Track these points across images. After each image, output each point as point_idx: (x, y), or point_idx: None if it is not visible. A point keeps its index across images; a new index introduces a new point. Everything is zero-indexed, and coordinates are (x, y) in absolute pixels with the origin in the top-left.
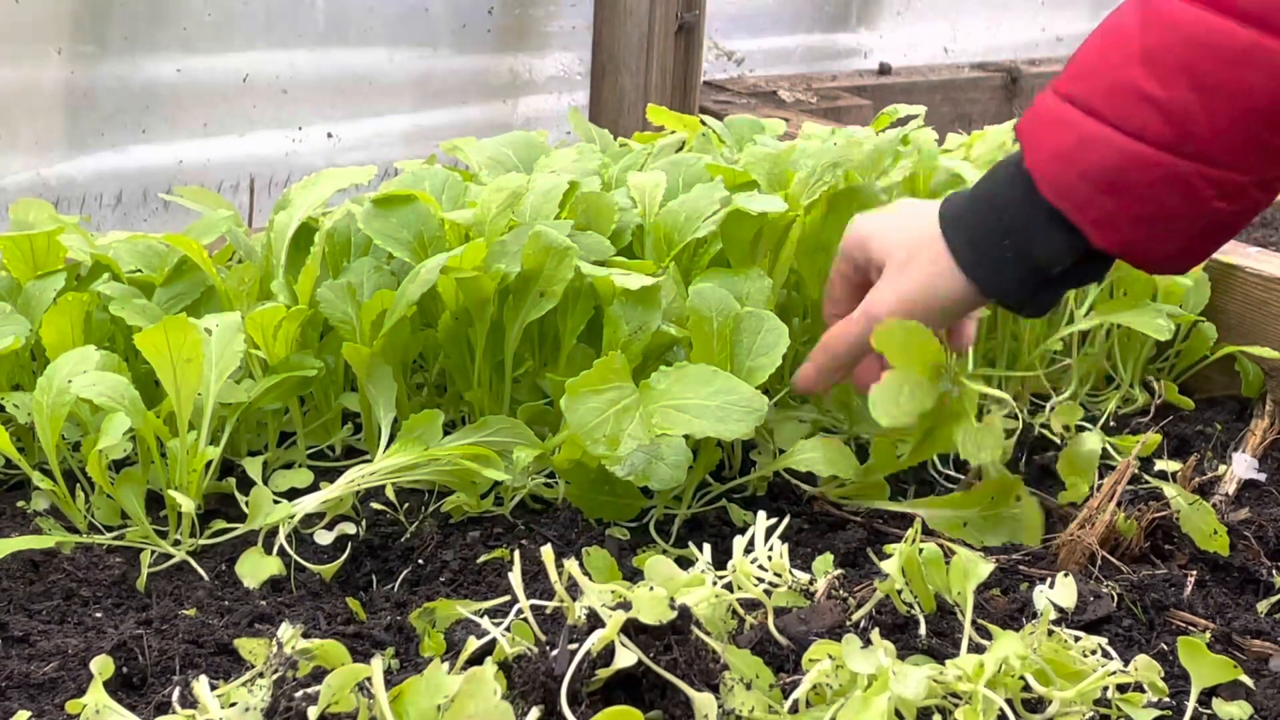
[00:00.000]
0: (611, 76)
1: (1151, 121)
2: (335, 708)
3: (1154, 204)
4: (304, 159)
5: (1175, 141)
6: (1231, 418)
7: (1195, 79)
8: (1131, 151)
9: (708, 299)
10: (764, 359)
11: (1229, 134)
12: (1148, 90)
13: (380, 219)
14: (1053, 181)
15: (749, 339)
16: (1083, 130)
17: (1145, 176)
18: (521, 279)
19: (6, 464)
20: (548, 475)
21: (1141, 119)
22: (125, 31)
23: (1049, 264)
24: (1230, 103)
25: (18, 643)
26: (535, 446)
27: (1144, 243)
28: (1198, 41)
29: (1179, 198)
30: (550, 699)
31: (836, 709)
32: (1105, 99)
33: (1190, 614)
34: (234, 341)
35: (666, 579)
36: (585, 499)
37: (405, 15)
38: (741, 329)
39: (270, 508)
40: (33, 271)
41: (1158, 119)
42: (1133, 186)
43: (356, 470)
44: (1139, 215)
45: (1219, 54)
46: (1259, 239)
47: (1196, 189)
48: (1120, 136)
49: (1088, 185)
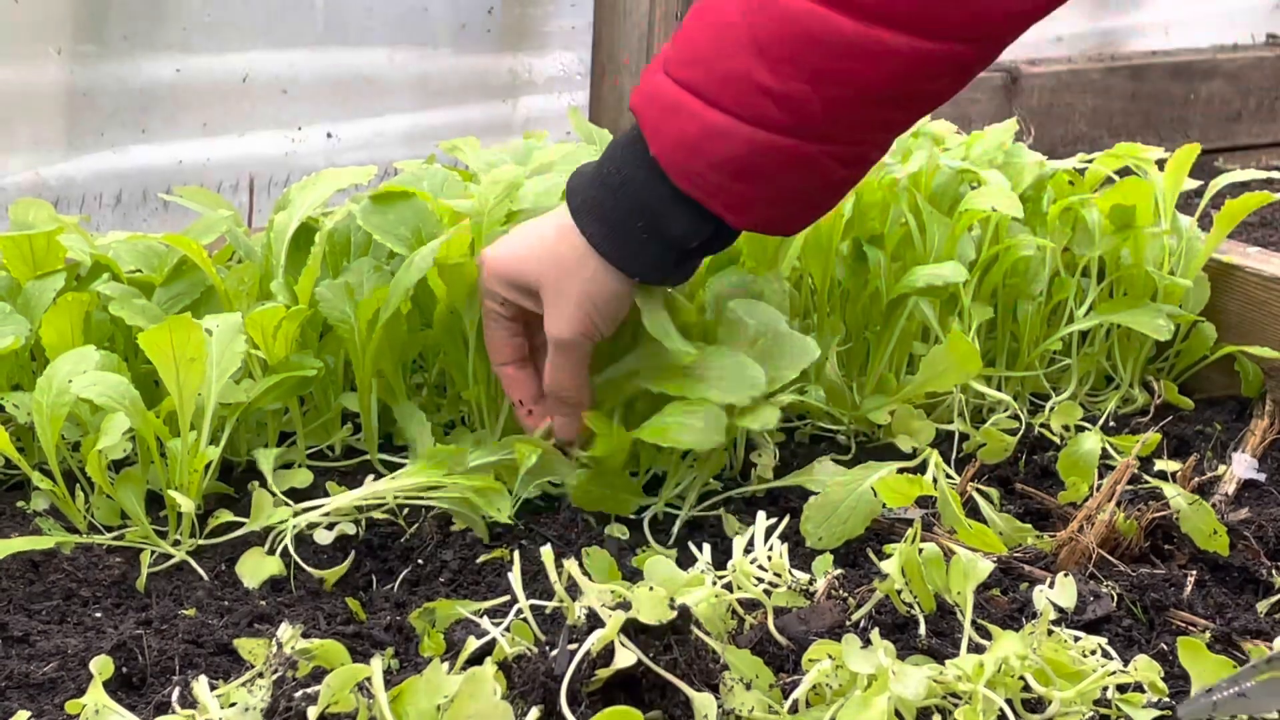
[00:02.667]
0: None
1: (769, 111)
2: (335, 708)
3: (784, 184)
4: (304, 159)
5: (795, 127)
6: (1231, 418)
7: (806, 70)
8: (757, 140)
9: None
10: (788, 371)
11: (845, 118)
12: (761, 81)
13: (378, 215)
14: (681, 169)
15: (777, 353)
16: (705, 121)
17: (773, 161)
18: None
19: (6, 464)
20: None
21: (760, 109)
22: (125, 31)
23: (684, 241)
24: (842, 90)
25: (17, 643)
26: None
27: (778, 219)
28: (807, 35)
29: (806, 175)
30: (550, 699)
31: (836, 709)
32: (722, 88)
33: (1190, 614)
34: (235, 341)
35: (666, 579)
36: (585, 494)
37: (405, 15)
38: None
39: (271, 509)
40: (32, 271)
41: (775, 109)
42: (762, 171)
43: (369, 487)
44: (771, 196)
45: (828, 47)
46: (1259, 239)
47: (821, 164)
48: (744, 126)
49: (717, 174)
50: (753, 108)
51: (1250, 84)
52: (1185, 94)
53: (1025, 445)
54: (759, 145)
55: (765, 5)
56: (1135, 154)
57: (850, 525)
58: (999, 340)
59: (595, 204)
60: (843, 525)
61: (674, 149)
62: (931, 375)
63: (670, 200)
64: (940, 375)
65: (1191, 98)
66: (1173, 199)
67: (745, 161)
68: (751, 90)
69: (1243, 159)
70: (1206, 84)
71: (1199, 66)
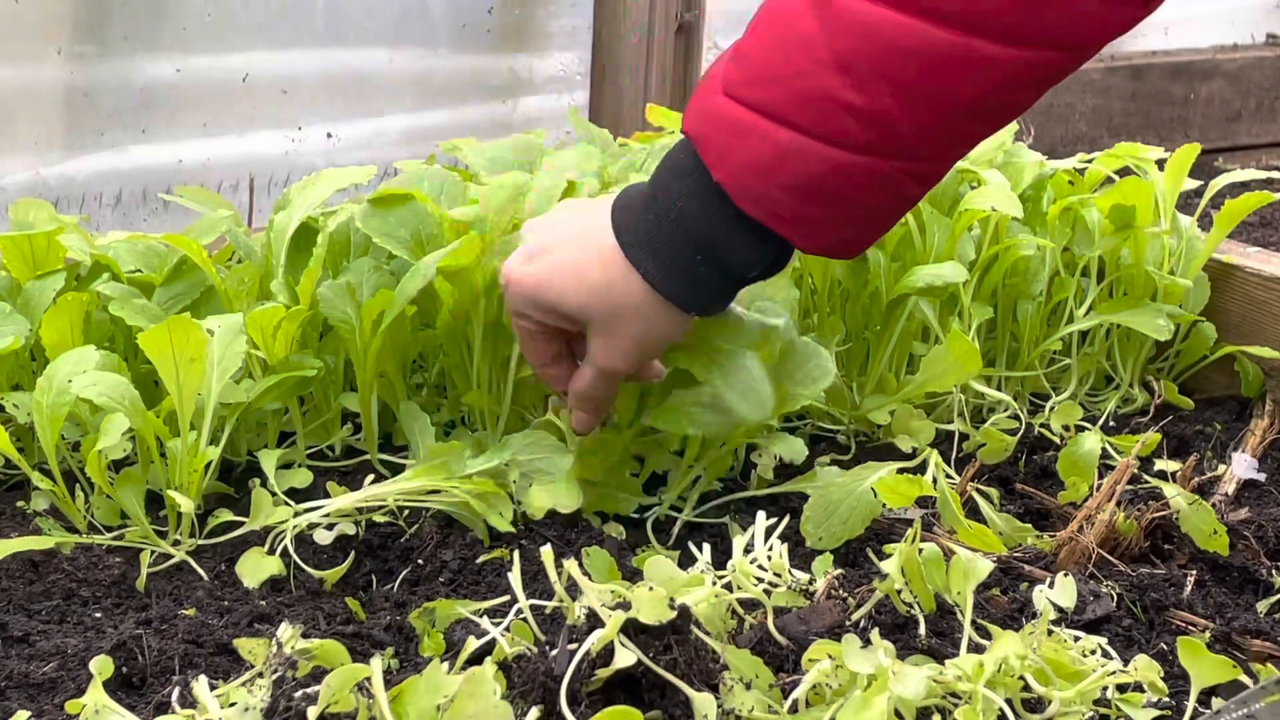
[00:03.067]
0: (611, 76)
1: (853, 130)
2: (335, 708)
3: (858, 205)
4: (304, 159)
5: (878, 146)
6: (1231, 418)
7: (896, 85)
8: (834, 160)
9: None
10: (805, 390)
11: (932, 133)
12: (846, 100)
13: (378, 218)
14: (751, 194)
15: (794, 367)
16: (779, 142)
17: (850, 182)
18: None
19: (6, 464)
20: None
21: (843, 128)
22: (125, 31)
23: (745, 270)
24: (933, 104)
25: (17, 643)
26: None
27: (846, 240)
28: (896, 47)
29: (882, 194)
30: (550, 699)
31: (836, 709)
32: (799, 109)
33: (1190, 614)
34: (236, 342)
35: (666, 579)
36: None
37: (405, 15)
38: (792, 355)
39: (271, 509)
40: (32, 271)
41: (859, 127)
42: (837, 192)
43: (369, 490)
44: (844, 218)
45: (920, 59)
46: (1259, 239)
47: (897, 182)
48: (821, 146)
49: (790, 196)
50: (834, 127)
51: (1250, 84)
52: (1185, 94)
53: (1025, 445)
54: (835, 165)
55: (850, 19)
56: (1135, 154)
57: (850, 525)
58: (999, 340)
59: (649, 238)
60: (843, 525)
61: (743, 173)
62: (931, 375)
63: (732, 228)
64: (940, 375)
65: (1191, 98)
66: (1173, 199)
67: (821, 182)
68: (834, 109)
69: (1243, 159)
70: (1206, 84)
71: (1199, 66)
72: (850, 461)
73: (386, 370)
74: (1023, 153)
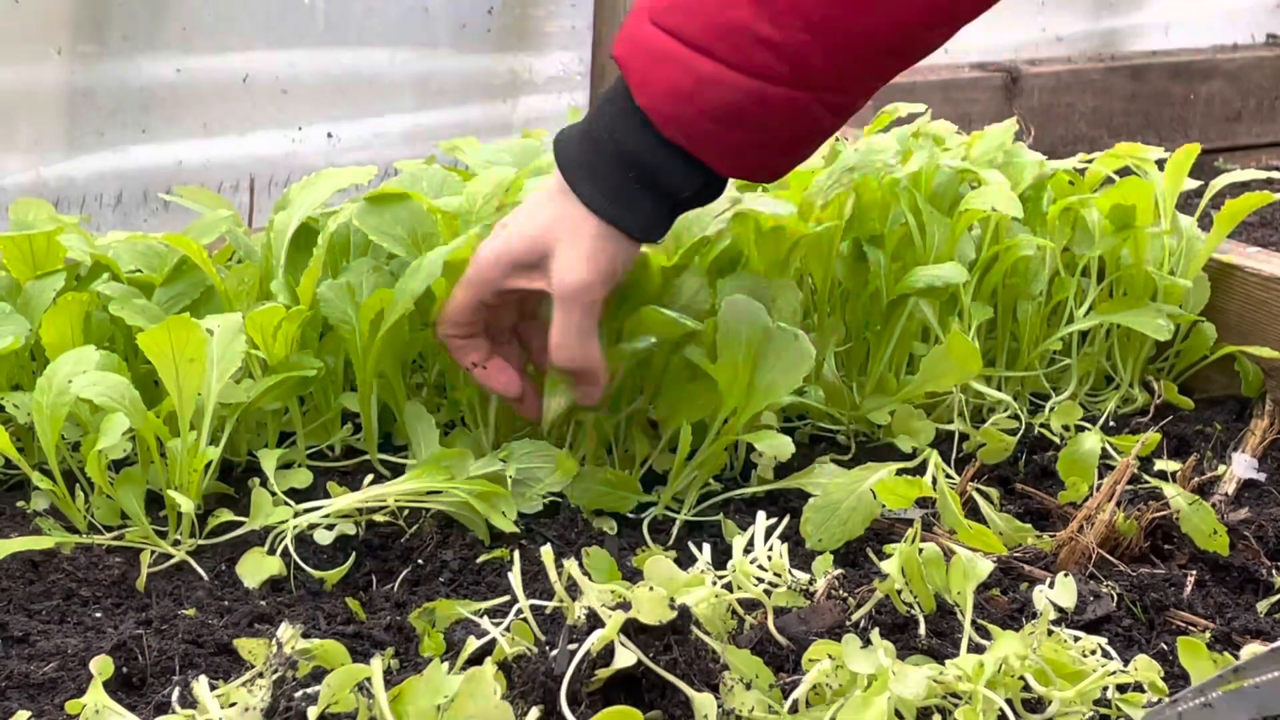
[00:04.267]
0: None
1: (769, 61)
2: (335, 708)
3: (776, 132)
4: (304, 159)
5: (794, 77)
6: (1231, 418)
7: (810, 21)
8: (753, 90)
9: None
10: (784, 377)
11: (847, 68)
12: (763, 33)
13: (374, 216)
14: (673, 119)
15: (774, 356)
16: (699, 70)
17: (767, 110)
18: None
19: (6, 464)
20: None
21: (759, 59)
22: (125, 31)
23: (678, 191)
24: (848, 40)
25: (17, 643)
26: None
27: (765, 166)
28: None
29: (799, 123)
30: (550, 699)
31: (836, 709)
32: (718, 39)
33: (1190, 614)
34: (236, 342)
35: (666, 579)
36: (584, 492)
37: (405, 15)
38: (770, 344)
39: (270, 509)
40: (32, 271)
41: (774, 60)
42: (756, 119)
43: (370, 490)
44: (761, 143)
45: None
46: (1259, 239)
47: (813, 112)
48: (739, 76)
49: (710, 122)
50: (751, 58)
51: (1250, 84)
52: (1185, 94)
53: (1025, 445)
54: (753, 94)
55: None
56: (1135, 154)
57: (850, 526)
58: (999, 340)
59: (585, 164)
60: (842, 526)
61: (663, 98)
62: (931, 375)
63: (660, 151)
64: (940, 375)
65: (1191, 98)
66: (1173, 199)
67: (739, 110)
68: (750, 41)
69: (1243, 159)
70: (1206, 84)
71: (1199, 66)
72: (850, 461)
73: (386, 370)
74: (1023, 153)
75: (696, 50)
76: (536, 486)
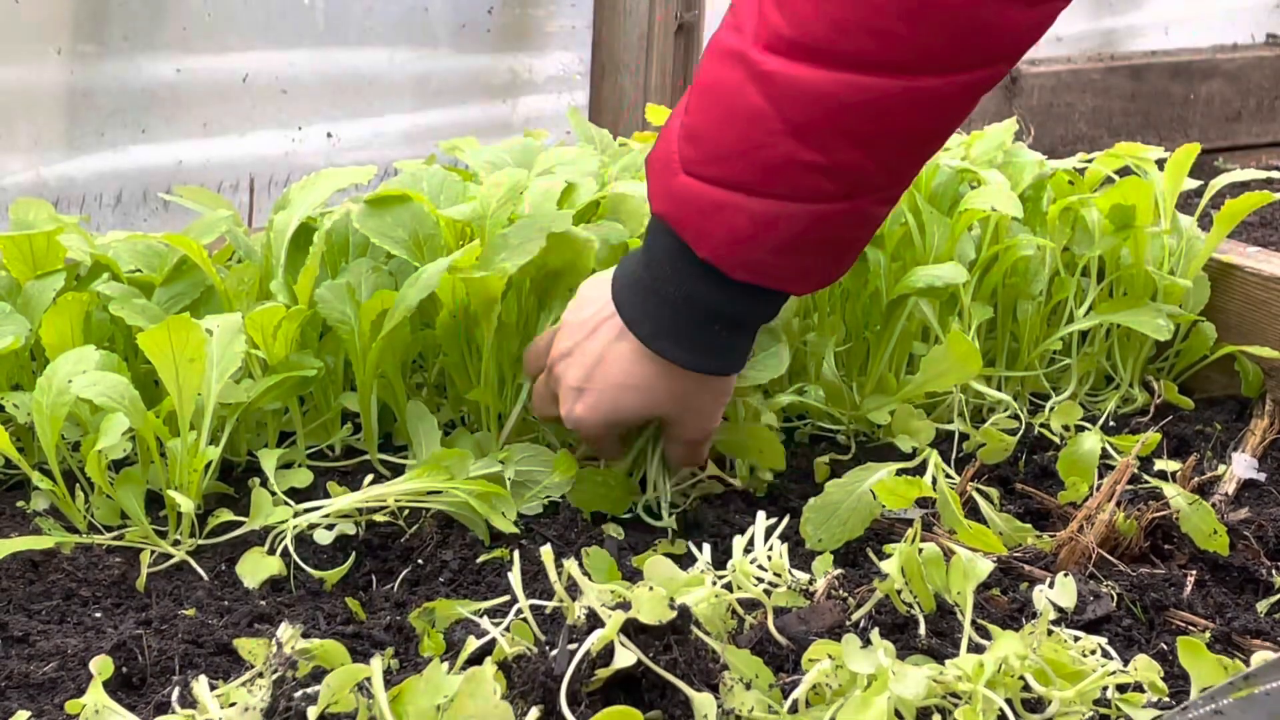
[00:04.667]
0: (611, 76)
1: (824, 185)
2: (335, 708)
3: (841, 243)
4: (304, 159)
5: (848, 192)
6: (1231, 418)
7: (855, 138)
8: (811, 215)
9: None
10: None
11: (896, 167)
12: (810, 160)
13: (375, 218)
14: (740, 264)
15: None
16: (753, 212)
17: (827, 227)
18: (543, 273)
19: (6, 464)
20: None
21: (811, 186)
22: (125, 31)
23: (763, 321)
24: (893, 145)
25: (17, 643)
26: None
27: (834, 272)
28: (845, 104)
29: (859, 227)
30: (550, 699)
31: (836, 709)
32: (764, 177)
33: (1190, 614)
34: (235, 342)
35: (666, 579)
36: (580, 492)
37: (405, 15)
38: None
39: (270, 509)
40: (32, 271)
41: (826, 182)
42: (817, 240)
43: (370, 490)
44: (828, 257)
45: (872, 111)
46: (1259, 239)
47: (870, 213)
48: (795, 206)
49: (778, 256)
50: (805, 186)
51: (1250, 84)
52: (1185, 94)
53: (1025, 445)
54: (813, 218)
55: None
56: (1135, 154)
57: (850, 527)
58: (999, 340)
59: (669, 330)
60: (842, 527)
61: (725, 246)
62: (931, 375)
63: (736, 295)
64: (940, 375)
65: (1191, 98)
66: (1173, 199)
67: (801, 237)
68: (799, 171)
69: (1243, 159)
70: (1206, 84)
71: (1199, 66)
72: (850, 461)
73: (386, 370)
74: (1023, 153)
75: (746, 193)
76: (535, 488)
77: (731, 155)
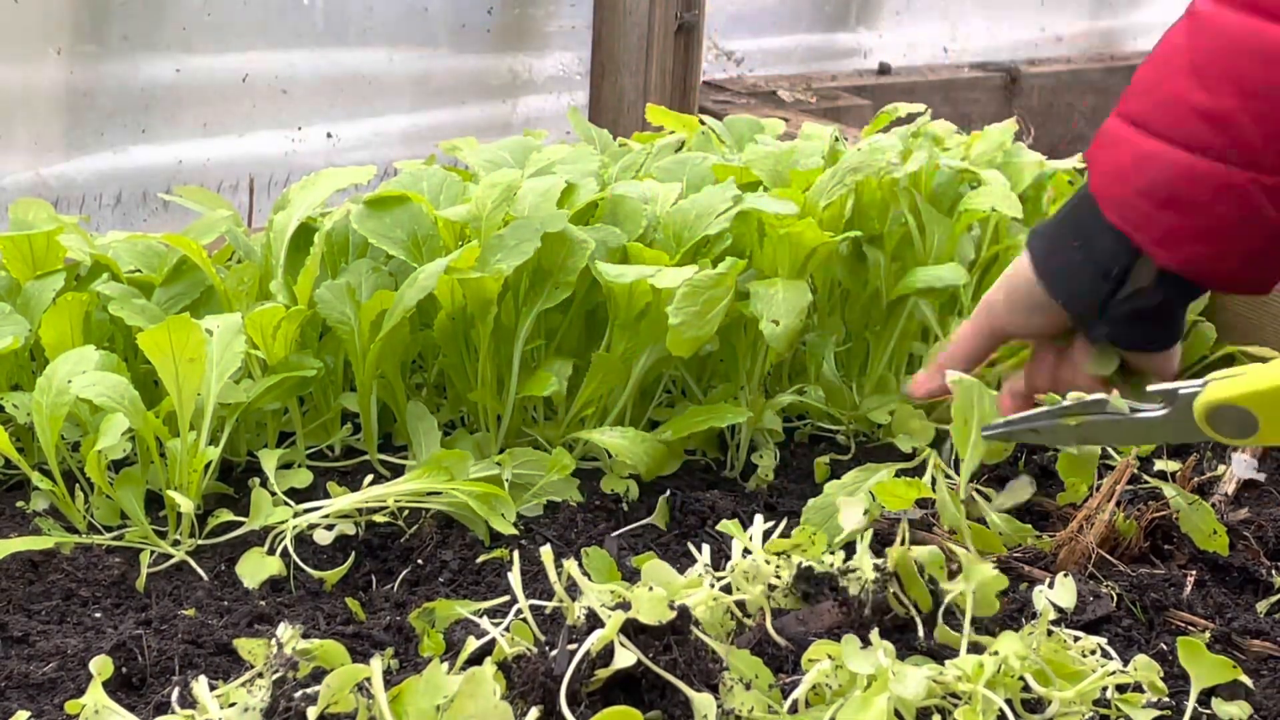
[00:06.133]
0: (611, 76)
1: (1200, 131)
2: (335, 708)
3: (1210, 216)
4: (303, 159)
5: (1224, 149)
6: None
7: (1241, 84)
8: (1183, 164)
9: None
10: None
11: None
12: (1195, 100)
13: (374, 219)
14: (1112, 200)
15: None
16: (1138, 147)
17: (1199, 188)
18: (538, 274)
19: (6, 464)
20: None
21: (1190, 129)
22: (125, 31)
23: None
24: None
25: (17, 643)
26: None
27: (1206, 259)
28: (1240, 46)
29: (1234, 208)
30: (550, 699)
31: (836, 709)
32: (1157, 113)
33: (1190, 614)
34: (235, 342)
35: (666, 580)
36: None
37: (405, 15)
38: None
39: (270, 509)
40: (32, 271)
41: (1205, 128)
42: (1189, 199)
43: (370, 490)
44: (1198, 230)
45: (1261, 55)
46: None
47: (1251, 198)
48: (1172, 149)
49: (1145, 201)
50: (1183, 129)
51: None
52: None
53: (1025, 445)
54: (1184, 168)
55: (1209, 24)
56: None
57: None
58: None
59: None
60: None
61: (1106, 179)
62: None
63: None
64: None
65: None
66: None
67: (1170, 187)
68: (1185, 111)
69: None
70: None
71: None
72: (850, 462)
73: (385, 371)
74: (1023, 153)
75: (1139, 128)
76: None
77: (1143, 91)
